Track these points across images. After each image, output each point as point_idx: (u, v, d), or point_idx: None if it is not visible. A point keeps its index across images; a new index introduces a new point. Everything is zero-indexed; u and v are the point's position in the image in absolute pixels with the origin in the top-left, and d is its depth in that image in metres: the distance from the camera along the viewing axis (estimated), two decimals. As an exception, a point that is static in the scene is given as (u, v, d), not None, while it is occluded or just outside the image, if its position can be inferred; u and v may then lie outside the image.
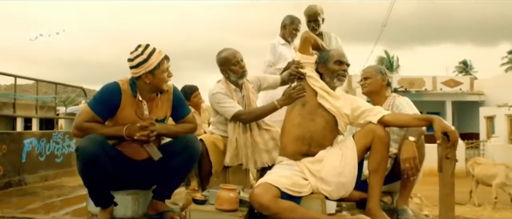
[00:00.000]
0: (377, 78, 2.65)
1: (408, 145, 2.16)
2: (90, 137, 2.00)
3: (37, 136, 3.76)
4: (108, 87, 2.15)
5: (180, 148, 2.20)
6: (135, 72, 2.11)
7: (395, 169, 2.40)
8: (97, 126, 2.08)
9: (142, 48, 2.11)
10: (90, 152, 1.95)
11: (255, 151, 2.64)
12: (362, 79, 2.70)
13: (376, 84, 2.65)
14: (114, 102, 2.12)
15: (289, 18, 3.67)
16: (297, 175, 2.19)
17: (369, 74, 2.68)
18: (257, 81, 2.85)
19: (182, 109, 2.33)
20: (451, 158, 1.96)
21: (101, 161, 1.98)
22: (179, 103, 2.32)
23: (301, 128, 2.29)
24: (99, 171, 2.00)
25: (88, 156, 1.95)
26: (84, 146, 1.97)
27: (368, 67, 2.81)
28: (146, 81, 2.12)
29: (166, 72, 2.16)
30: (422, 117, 2.19)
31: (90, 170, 2.00)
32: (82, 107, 2.16)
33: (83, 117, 2.09)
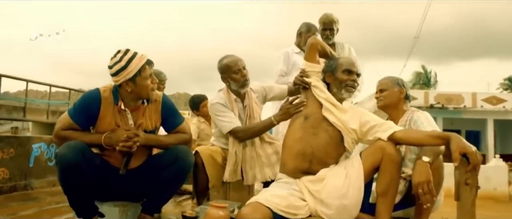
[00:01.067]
0: (394, 90, 2.38)
1: (421, 167, 1.88)
2: (69, 144, 1.89)
3: (46, 141, 3.75)
4: (88, 95, 2.05)
5: (170, 160, 2.05)
6: (115, 80, 1.99)
7: (410, 193, 2.11)
8: (75, 134, 1.97)
9: (121, 54, 1.97)
10: (69, 159, 1.84)
11: (256, 165, 2.46)
12: (377, 91, 2.44)
13: (392, 97, 2.38)
14: (93, 110, 2.00)
15: (305, 26, 3.47)
16: (295, 195, 1.96)
17: (385, 86, 2.41)
18: (262, 91, 2.66)
19: (173, 119, 2.18)
20: (471, 185, 1.68)
21: (81, 169, 1.86)
22: (170, 112, 2.18)
23: (303, 143, 2.07)
24: (79, 179, 1.88)
25: (67, 163, 1.84)
26: (63, 153, 1.86)
27: (384, 78, 2.52)
28: (128, 89, 1.99)
29: (149, 79, 2.01)
30: (438, 135, 1.90)
31: (70, 178, 1.88)
32: (61, 118, 2.06)
33: (61, 125, 1.98)
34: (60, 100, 11.04)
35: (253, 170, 2.47)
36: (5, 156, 3.23)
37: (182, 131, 2.19)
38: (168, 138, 2.17)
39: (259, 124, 2.47)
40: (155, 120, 2.14)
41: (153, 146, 2.17)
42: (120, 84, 1.99)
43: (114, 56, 1.99)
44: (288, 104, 2.26)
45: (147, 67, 2.00)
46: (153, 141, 2.11)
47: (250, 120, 2.53)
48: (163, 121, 2.17)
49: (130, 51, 1.99)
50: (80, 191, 1.94)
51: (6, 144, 3.28)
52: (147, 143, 2.07)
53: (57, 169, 1.89)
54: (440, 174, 2.04)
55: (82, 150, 1.89)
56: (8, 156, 3.27)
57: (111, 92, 2.04)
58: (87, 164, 1.89)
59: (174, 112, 2.20)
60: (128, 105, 2.05)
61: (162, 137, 2.18)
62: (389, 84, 2.40)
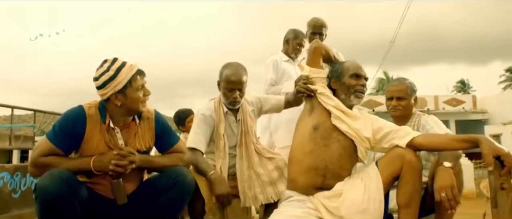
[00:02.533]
0: (412, 99, 2.25)
1: (444, 172, 1.75)
2: (52, 173, 1.61)
3: (10, 170, 3.33)
4: (70, 113, 1.77)
5: (169, 184, 1.81)
6: (102, 93, 1.74)
7: (426, 201, 1.98)
8: (57, 160, 1.68)
9: (109, 64, 1.74)
10: (52, 191, 1.56)
11: (256, 185, 2.23)
12: (394, 98, 2.24)
13: (410, 107, 2.25)
14: (77, 131, 1.73)
15: (292, 32, 3.32)
16: (311, 214, 1.78)
17: (403, 94, 2.23)
18: (258, 103, 2.45)
19: (168, 138, 1.95)
20: (508, 189, 1.56)
21: (67, 202, 1.59)
22: (164, 130, 1.94)
23: (314, 157, 1.89)
24: (63, 214, 1.60)
25: (50, 196, 1.56)
26: (45, 184, 1.57)
27: (400, 83, 2.30)
28: (117, 103, 1.74)
29: (141, 90, 1.78)
30: (464, 138, 1.78)
31: (52, 214, 1.59)
32: (39, 140, 1.73)
33: (39, 151, 1.69)
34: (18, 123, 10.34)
35: (253, 191, 2.24)
36: (-39, 191, 2.81)
37: (178, 151, 1.96)
38: (164, 159, 1.93)
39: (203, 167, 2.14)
40: (148, 139, 1.90)
41: (147, 168, 1.92)
42: (108, 98, 1.74)
43: (101, 66, 1.75)
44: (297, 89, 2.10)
45: (138, 77, 1.77)
46: (149, 162, 1.86)
47: (246, 136, 2.30)
48: (156, 140, 1.93)
49: (118, 60, 1.76)
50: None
51: (-38, 177, 2.86)
52: (142, 165, 1.82)
53: (36, 203, 1.61)
54: (460, 179, 1.92)
55: (67, 180, 1.61)
56: (-35, 191, 2.84)
57: (97, 109, 1.79)
58: (73, 196, 1.62)
59: (169, 131, 1.98)
60: (117, 123, 1.80)
61: (158, 158, 1.94)
62: (408, 93, 2.24)
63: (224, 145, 2.25)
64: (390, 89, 2.30)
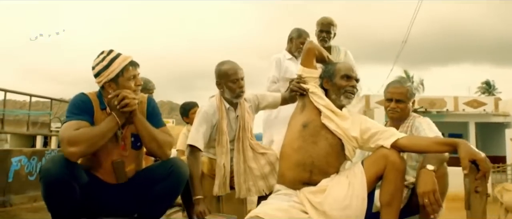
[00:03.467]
0: (410, 103, 2.30)
1: (426, 176, 1.80)
2: (54, 158, 1.76)
3: (27, 154, 3.55)
4: (78, 97, 1.93)
5: (164, 173, 1.93)
6: (98, 81, 1.89)
7: (412, 201, 2.04)
8: (88, 129, 1.80)
9: (104, 55, 1.88)
10: (53, 174, 1.70)
11: (249, 178, 2.34)
12: (394, 100, 2.27)
13: (408, 110, 2.29)
14: (88, 109, 1.89)
15: (296, 31, 3.40)
16: (296, 208, 1.87)
17: (403, 97, 2.26)
18: (255, 100, 2.56)
19: (157, 121, 2.05)
20: (481, 192, 1.61)
21: (68, 185, 1.72)
22: (153, 113, 2.06)
23: (302, 153, 1.98)
24: (65, 195, 1.74)
25: (52, 179, 1.70)
26: (47, 167, 1.71)
27: (400, 86, 2.32)
28: (110, 91, 1.88)
29: (132, 80, 1.90)
30: (445, 141, 1.84)
31: (54, 194, 1.74)
32: (60, 131, 1.86)
33: (68, 131, 1.76)
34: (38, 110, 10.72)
35: (246, 184, 2.35)
36: (-19, 171, 3.04)
37: (165, 132, 2.06)
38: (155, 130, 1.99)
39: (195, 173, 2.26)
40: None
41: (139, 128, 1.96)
42: (102, 86, 1.89)
43: (97, 57, 1.90)
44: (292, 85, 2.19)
45: (131, 68, 1.90)
46: (144, 124, 1.94)
47: (243, 131, 2.41)
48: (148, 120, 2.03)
49: (113, 52, 1.91)
50: (65, 209, 1.80)
51: (-18, 159, 3.08)
52: (138, 121, 1.92)
53: (40, 184, 1.75)
54: (445, 181, 1.97)
55: (68, 164, 1.75)
56: (-16, 172, 3.07)
57: (96, 96, 1.95)
58: (74, 179, 1.76)
59: (158, 114, 2.11)
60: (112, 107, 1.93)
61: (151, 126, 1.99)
62: (407, 96, 2.28)
63: (227, 141, 2.36)
64: (390, 90, 2.31)
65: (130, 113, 1.89)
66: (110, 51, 1.91)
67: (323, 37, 3.26)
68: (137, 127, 1.94)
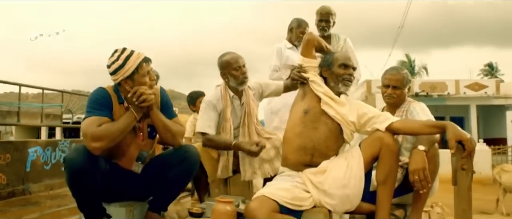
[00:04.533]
0: (406, 88, 2.43)
1: (417, 155, 1.97)
2: (78, 148, 1.91)
3: (42, 145, 3.73)
4: (96, 93, 2.05)
5: (178, 159, 2.09)
6: (114, 79, 2.01)
7: (407, 180, 2.19)
8: (110, 125, 1.92)
9: (118, 53, 1.99)
10: (77, 163, 1.85)
11: (254, 161, 2.50)
12: (391, 86, 2.41)
13: (403, 96, 2.43)
14: (108, 103, 2.01)
15: (296, 21, 3.52)
16: (299, 187, 2.03)
17: (399, 84, 2.39)
18: (259, 88, 2.71)
19: (170, 112, 2.19)
20: (467, 169, 1.77)
21: (90, 172, 1.88)
22: (167, 105, 2.20)
23: (303, 137, 2.14)
24: (88, 182, 1.89)
25: (76, 167, 1.85)
26: (72, 157, 1.87)
27: (397, 73, 2.45)
28: (127, 87, 2.01)
29: (147, 76, 2.03)
30: (434, 124, 1.99)
31: (78, 182, 1.89)
32: (83, 125, 1.95)
33: (92, 127, 1.87)
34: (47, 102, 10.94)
35: (252, 167, 2.51)
36: (1, 161, 3.21)
37: (177, 122, 2.19)
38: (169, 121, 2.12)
39: (222, 141, 2.49)
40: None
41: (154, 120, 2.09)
42: (119, 82, 2.01)
43: (111, 56, 2.00)
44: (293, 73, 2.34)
45: (144, 64, 2.01)
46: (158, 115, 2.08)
47: (248, 117, 2.57)
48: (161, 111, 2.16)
49: (126, 50, 2.01)
50: (88, 194, 1.95)
51: (2, 150, 3.25)
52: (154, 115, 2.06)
53: (65, 173, 1.90)
54: (436, 161, 2.13)
55: (90, 155, 1.89)
56: (4, 162, 3.25)
57: (113, 91, 2.07)
58: (96, 167, 1.91)
59: (170, 106, 2.23)
60: (130, 103, 2.06)
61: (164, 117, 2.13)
62: (403, 83, 2.41)
63: (230, 128, 2.52)
64: (387, 77, 2.45)
65: (147, 108, 2.02)
66: (123, 50, 2.01)
67: (323, 26, 3.38)
68: (153, 120, 2.07)
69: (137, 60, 1.99)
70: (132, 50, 2.03)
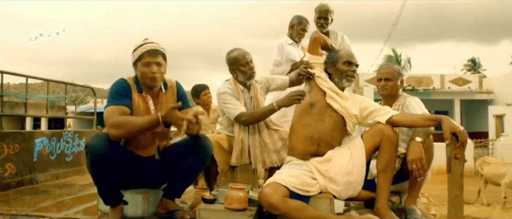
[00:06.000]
0: (398, 81, 2.61)
1: (415, 146, 2.16)
2: (99, 135, 2.01)
3: (47, 136, 3.81)
4: (117, 83, 2.17)
5: (194, 149, 2.19)
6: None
7: (403, 169, 2.39)
8: (131, 117, 2.04)
9: (138, 42, 2.17)
10: (98, 150, 1.95)
11: (263, 151, 2.66)
12: (382, 79, 2.61)
13: (396, 88, 2.61)
14: (128, 94, 2.14)
15: (297, 18, 3.67)
16: (306, 175, 2.20)
17: (391, 76, 2.59)
18: (266, 82, 2.87)
19: (187, 104, 2.30)
20: (460, 159, 1.97)
21: (110, 159, 1.98)
22: (183, 97, 2.32)
23: (310, 129, 2.31)
24: (108, 169, 2.00)
25: (97, 154, 1.95)
26: (93, 143, 1.97)
27: (388, 67, 2.69)
28: (136, 74, 2.18)
29: (147, 67, 2.11)
30: (431, 117, 2.19)
31: (99, 168, 2.00)
32: (105, 113, 2.06)
33: (113, 115, 2.01)
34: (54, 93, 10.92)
35: (262, 156, 2.67)
36: (11, 151, 3.29)
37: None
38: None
39: (262, 109, 2.66)
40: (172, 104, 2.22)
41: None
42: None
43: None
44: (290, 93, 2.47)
45: (146, 55, 2.12)
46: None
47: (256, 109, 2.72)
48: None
49: (146, 40, 2.17)
50: (108, 180, 2.06)
51: (11, 140, 3.33)
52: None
53: (87, 158, 1.99)
54: (430, 152, 2.32)
55: (110, 141, 2.00)
56: (13, 152, 3.32)
57: (133, 81, 2.20)
58: (115, 155, 2.01)
59: (186, 100, 2.33)
60: (147, 92, 2.19)
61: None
62: (395, 75, 2.60)
63: None
64: (380, 71, 2.67)
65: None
66: (145, 40, 2.17)
67: (321, 23, 3.54)
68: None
69: (142, 50, 2.13)
70: (149, 42, 2.16)
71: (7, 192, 3.15)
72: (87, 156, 1.99)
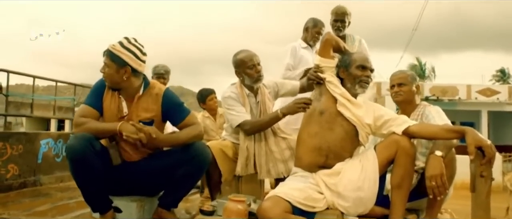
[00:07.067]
0: (412, 86, 2.42)
1: (435, 161, 1.93)
2: (77, 135, 1.93)
3: (54, 137, 3.75)
4: (96, 82, 2.15)
5: (189, 156, 2.06)
6: None
7: (421, 185, 2.16)
8: (90, 120, 2.02)
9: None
10: (77, 150, 1.88)
11: (269, 160, 2.49)
12: (395, 85, 2.45)
13: (411, 93, 2.42)
14: (99, 93, 2.10)
15: (312, 21, 3.49)
16: (312, 188, 2.01)
17: (404, 81, 2.42)
18: (275, 87, 2.70)
19: (179, 113, 2.16)
20: (486, 177, 1.74)
21: (91, 160, 1.90)
22: (172, 106, 2.16)
23: (318, 138, 2.11)
24: (89, 170, 1.91)
25: (76, 154, 1.88)
26: (71, 144, 1.90)
27: (400, 72, 2.53)
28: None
29: (104, 67, 2.07)
30: (453, 129, 1.96)
31: (81, 169, 1.92)
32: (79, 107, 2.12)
33: (78, 113, 2.07)
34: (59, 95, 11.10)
35: (267, 166, 2.50)
36: (14, 152, 3.24)
37: (190, 123, 2.13)
38: (181, 134, 2.11)
39: (266, 117, 2.50)
40: (152, 112, 2.12)
41: (168, 146, 2.14)
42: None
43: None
44: (296, 100, 2.31)
45: (103, 53, 2.08)
46: (169, 141, 2.10)
47: (263, 115, 2.55)
48: (166, 114, 2.15)
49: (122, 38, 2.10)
50: (91, 183, 1.96)
51: (15, 141, 3.27)
52: (162, 144, 2.10)
53: (68, 161, 1.93)
54: (453, 167, 2.09)
55: (90, 141, 1.92)
56: (17, 153, 3.27)
57: None
58: (96, 155, 1.93)
59: (178, 105, 2.18)
60: (122, 93, 2.11)
61: (176, 135, 2.13)
62: (408, 80, 2.42)
63: None
64: (391, 78, 2.49)
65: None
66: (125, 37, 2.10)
67: (338, 26, 3.34)
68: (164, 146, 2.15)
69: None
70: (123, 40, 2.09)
71: (8, 194, 3.09)
72: (67, 158, 1.92)
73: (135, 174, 2.11)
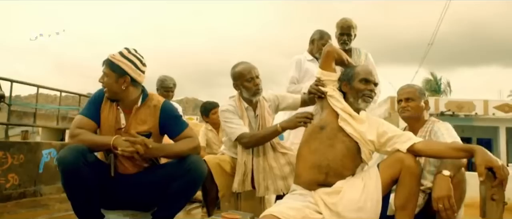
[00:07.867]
0: (421, 101, 2.31)
1: (442, 181, 1.80)
2: (70, 147, 1.89)
3: (56, 147, 3.73)
4: (94, 93, 2.12)
5: (183, 171, 2.00)
6: None
7: (429, 206, 2.04)
8: (85, 132, 1.98)
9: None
10: (69, 161, 1.84)
11: (268, 176, 2.39)
12: (403, 100, 2.33)
13: (419, 108, 2.30)
14: (97, 103, 2.06)
15: (318, 33, 3.41)
16: (310, 208, 1.90)
17: (412, 95, 2.31)
18: (275, 100, 2.61)
19: (176, 126, 2.11)
20: (497, 200, 1.60)
21: (82, 171, 1.85)
22: (170, 119, 2.11)
23: (318, 155, 2.01)
24: (80, 182, 1.86)
25: (68, 165, 1.84)
26: (63, 155, 1.86)
27: (408, 86, 2.40)
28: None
29: (103, 76, 2.04)
30: (461, 147, 1.83)
31: (71, 181, 1.87)
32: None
33: (75, 123, 2.02)
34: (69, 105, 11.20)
35: (265, 182, 2.40)
36: (15, 162, 3.22)
37: (187, 136, 2.10)
38: (176, 146, 2.08)
39: (265, 130, 2.40)
40: (150, 124, 2.08)
41: (162, 156, 2.12)
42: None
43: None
44: (296, 114, 2.22)
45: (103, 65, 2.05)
46: (162, 151, 2.06)
47: (262, 129, 2.46)
48: (163, 127, 2.11)
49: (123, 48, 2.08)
50: (82, 195, 1.92)
51: (16, 150, 3.26)
52: (155, 154, 2.04)
53: (59, 173, 1.89)
54: (462, 188, 1.96)
55: (83, 153, 1.87)
56: (18, 162, 3.25)
57: None
58: (89, 167, 1.88)
59: (176, 118, 2.14)
60: (120, 104, 2.07)
61: (171, 146, 2.10)
62: (417, 95, 2.31)
63: None
64: (399, 92, 2.38)
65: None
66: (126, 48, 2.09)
67: (344, 40, 3.24)
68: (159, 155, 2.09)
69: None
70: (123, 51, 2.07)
71: (6, 204, 3.06)
72: (59, 169, 1.88)
73: (128, 187, 2.06)
